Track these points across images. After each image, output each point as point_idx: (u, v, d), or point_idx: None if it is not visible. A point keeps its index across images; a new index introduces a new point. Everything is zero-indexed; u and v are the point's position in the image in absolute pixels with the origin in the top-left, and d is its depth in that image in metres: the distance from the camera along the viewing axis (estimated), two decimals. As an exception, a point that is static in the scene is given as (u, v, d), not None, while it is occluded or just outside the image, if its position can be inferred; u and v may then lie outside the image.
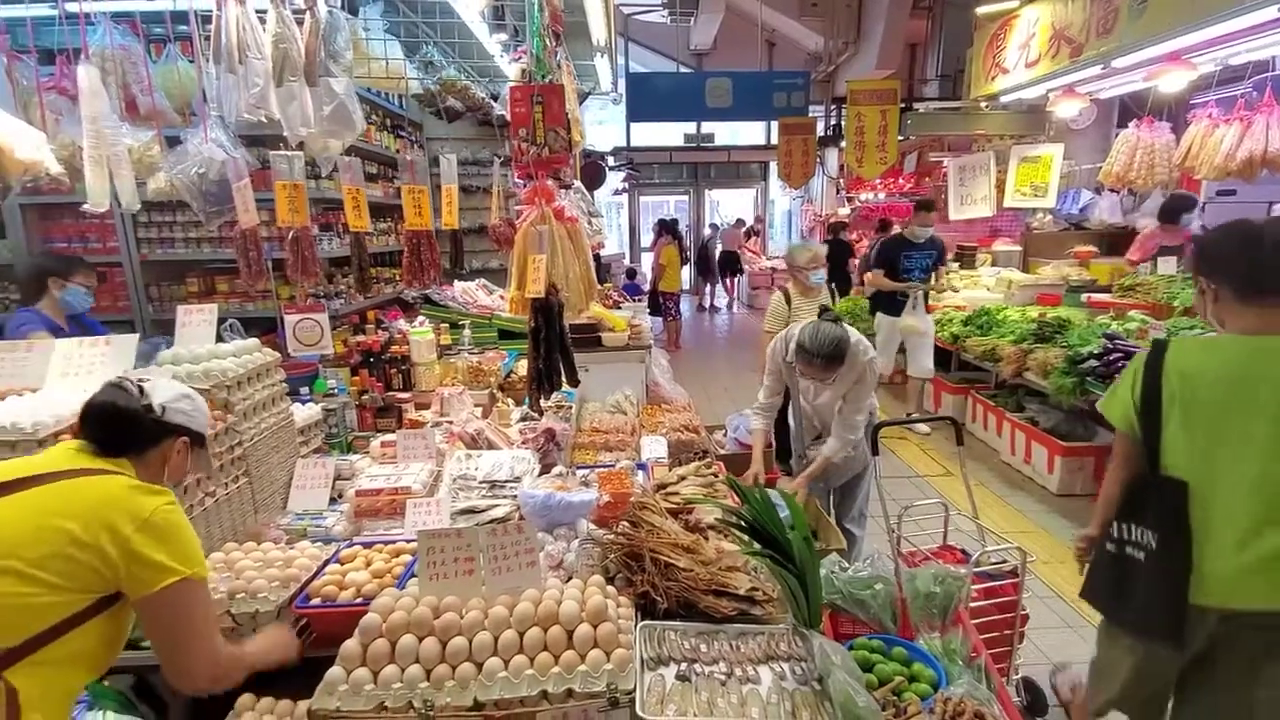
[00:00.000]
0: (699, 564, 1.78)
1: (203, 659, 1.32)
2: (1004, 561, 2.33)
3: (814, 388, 2.89)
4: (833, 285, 4.38)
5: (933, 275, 5.81)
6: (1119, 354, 4.12)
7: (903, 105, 8.07)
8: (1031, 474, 4.86)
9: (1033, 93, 5.96)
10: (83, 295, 3.09)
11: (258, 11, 2.26)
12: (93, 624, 1.21)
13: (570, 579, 1.75)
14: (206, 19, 2.37)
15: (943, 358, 6.54)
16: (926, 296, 5.79)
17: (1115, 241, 7.59)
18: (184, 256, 4.17)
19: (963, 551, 2.54)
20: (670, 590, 1.69)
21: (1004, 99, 6.38)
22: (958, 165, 7.55)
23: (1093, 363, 4.22)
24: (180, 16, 2.64)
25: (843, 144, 9.27)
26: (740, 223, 15.16)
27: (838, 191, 12.31)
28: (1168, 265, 5.87)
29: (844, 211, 12.02)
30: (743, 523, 1.73)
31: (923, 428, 5.85)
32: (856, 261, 8.85)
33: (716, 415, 4.58)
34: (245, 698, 1.79)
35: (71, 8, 2.48)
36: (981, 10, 6.32)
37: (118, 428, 1.35)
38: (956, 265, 8.07)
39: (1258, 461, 1.55)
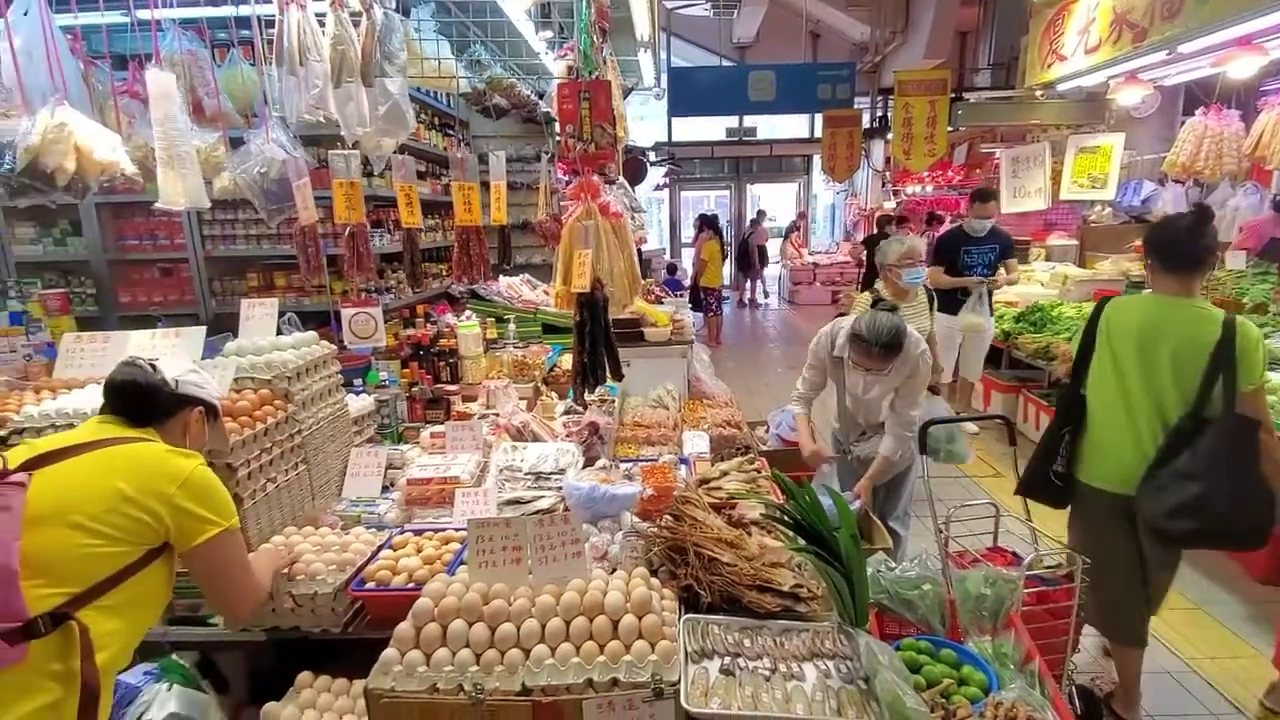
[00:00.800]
0: (742, 559, 1.78)
1: (246, 597, 1.54)
2: (1058, 566, 2.26)
3: (863, 381, 2.84)
4: (927, 287, 3.91)
5: (998, 270, 5.32)
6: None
7: (953, 95, 7.85)
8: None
9: (1092, 80, 5.72)
10: None
11: (317, 15, 2.34)
12: (144, 573, 1.36)
13: (615, 570, 1.77)
14: (268, 23, 2.47)
15: (993, 355, 6.35)
16: (990, 293, 5.36)
17: (1181, 235, 7.22)
18: (245, 252, 4.35)
19: (1014, 554, 2.48)
20: (714, 584, 1.69)
21: (1061, 87, 6.14)
22: (1011, 156, 7.30)
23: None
24: (243, 22, 2.75)
25: (889, 136, 9.07)
26: (761, 215, 14.60)
27: (883, 185, 12.05)
28: (1237, 260, 5.57)
29: (889, 205, 11.77)
30: (788, 518, 1.73)
31: (970, 426, 5.65)
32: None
33: (758, 411, 4.56)
34: (304, 675, 1.88)
35: (143, 15, 2.61)
36: (1037, -5, 6.10)
37: (141, 400, 1.50)
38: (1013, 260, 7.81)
39: (1153, 388, 2.19)
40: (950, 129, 7.95)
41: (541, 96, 4.69)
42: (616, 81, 2.98)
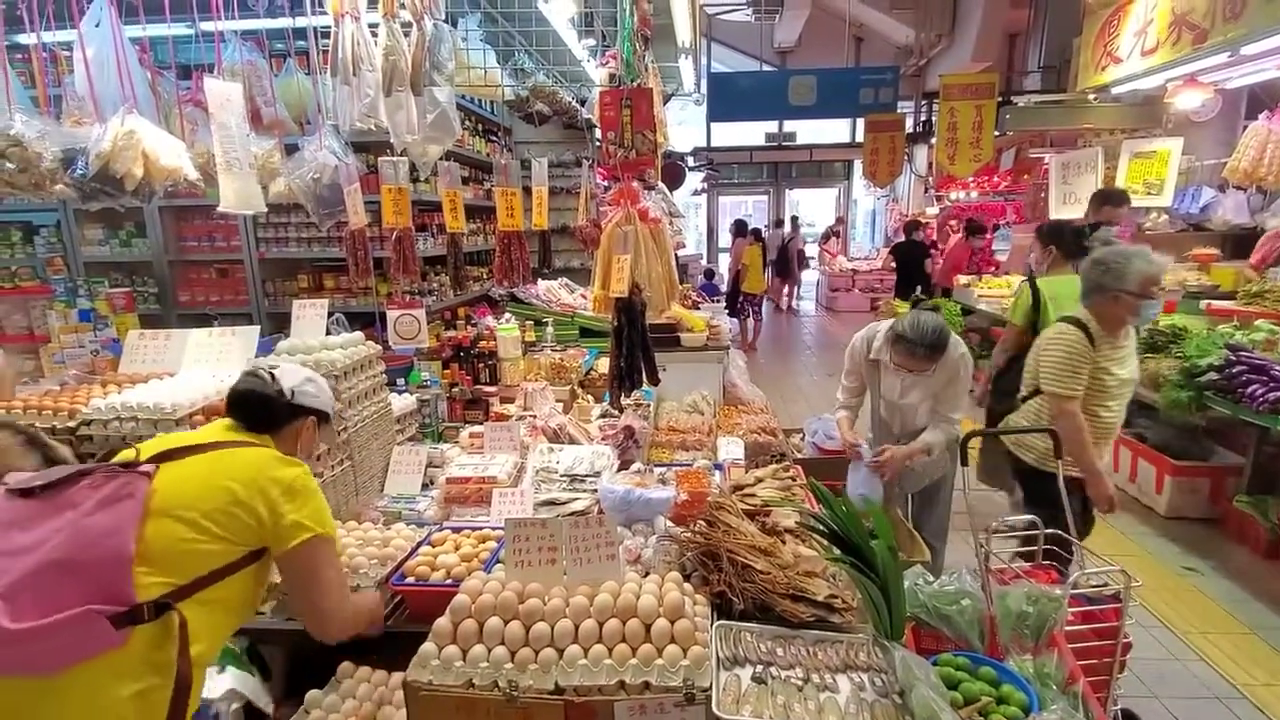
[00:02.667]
0: (776, 567, 1.77)
1: (335, 610, 1.52)
2: (1105, 585, 2.19)
3: (900, 385, 2.79)
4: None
5: None
6: (1244, 367, 3.76)
7: (1000, 99, 7.66)
8: (1137, 493, 4.52)
9: (1149, 83, 5.52)
10: None
11: (370, 26, 2.42)
12: (241, 574, 1.40)
13: (648, 574, 1.78)
14: (324, 34, 2.57)
15: (1039, 366, 6.17)
16: None
17: (1241, 244, 6.92)
18: (296, 255, 4.51)
19: (1058, 571, 2.40)
20: (747, 591, 1.69)
21: (1116, 90, 5.95)
22: (1061, 162, 7.08)
23: (1213, 375, 3.87)
24: (299, 33, 2.86)
25: (933, 141, 8.90)
26: (795, 221, 14.33)
27: (926, 190, 11.83)
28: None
29: (932, 211, 11.54)
30: (823, 527, 1.71)
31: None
32: (938, 264, 8.47)
33: (794, 418, 4.52)
34: (345, 665, 1.93)
35: (207, 27, 2.74)
36: (1092, -4, 5.93)
37: (259, 410, 1.57)
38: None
39: None
40: (997, 133, 7.76)
41: (583, 103, 4.75)
42: (658, 88, 3.00)
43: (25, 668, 1.19)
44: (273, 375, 1.61)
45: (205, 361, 2.28)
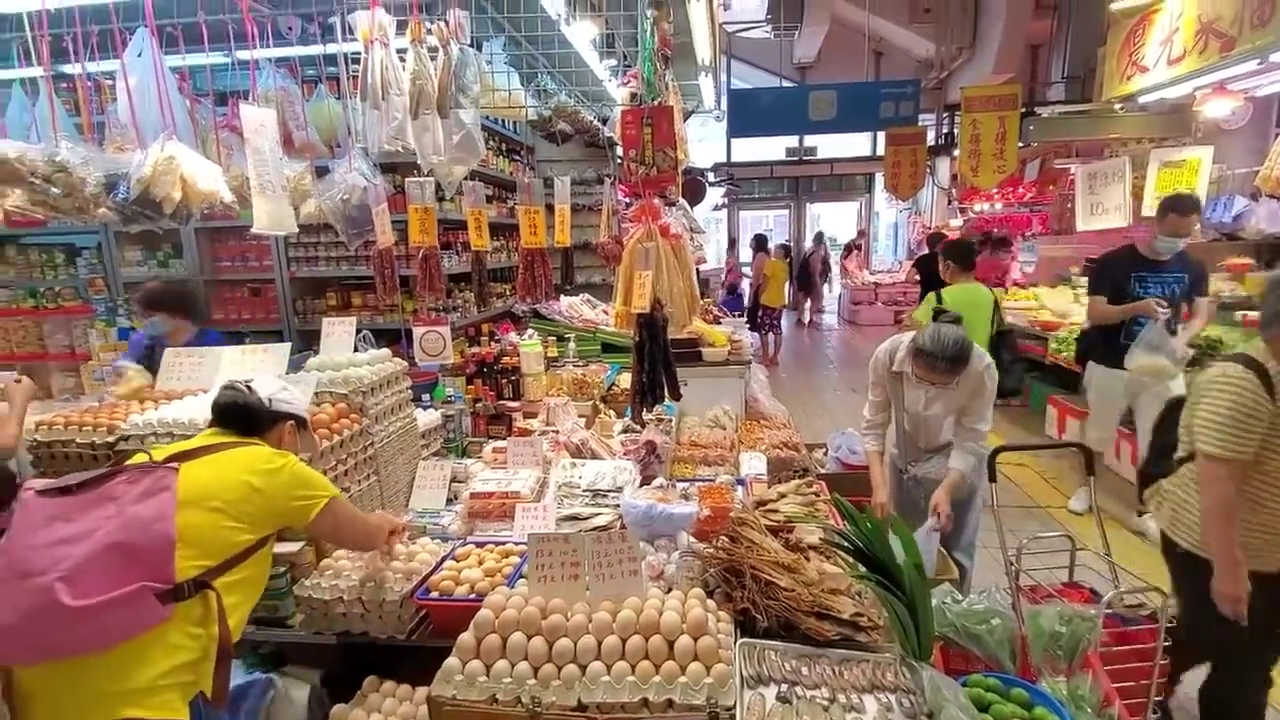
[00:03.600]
0: (800, 584, 1.75)
1: (370, 535, 1.85)
2: (1141, 605, 2.13)
3: (924, 397, 2.76)
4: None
5: (1181, 308, 3.84)
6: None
7: (1023, 110, 7.59)
8: (1174, 511, 4.38)
9: (1176, 92, 5.44)
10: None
11: (398, 51, 2.50)
12: (258, 555, 1.58)
13: (670, 590, 1.78)
14: (354, 60, 2.64)
15: (1070, 380, 6.05)
16: (1174, 323, 3.80)
17: (1276, 253, 6.74)
18: (325, 273, 4.62)
19: (1092, 591, 2.35)
20: (770, 609, 1.68)
21: (1143, 99, 5.86)
22: (1087, 172, 6.98)
23: (1250, 389, 3.75)
24: (330, 59, 2.95)
25: (956, 153, 8.84)
26: (820, 237, 14.05)
27: (949, 202, 11.73)
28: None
29: (956, 223, 11.43)
30: (848, 544, 1.70)
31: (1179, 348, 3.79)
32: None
33: (817, 433, 4.48)
34: (371, 679, 1.96)
35: (243, 55, 2.84)
36: (1116, 6, 5.86)
37: (243, 417, 1.71)
38: (1087, 280, 7.45)
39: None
40: (1021, 145, 7.68)
41: (604, 122, 4.82)
42: (678, 106, 3.04)
43: (81, 647, 1.31)
44: (249, 387, 1.75)
45: (238, 378, 2.34)
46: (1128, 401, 4.03)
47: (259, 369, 2.28)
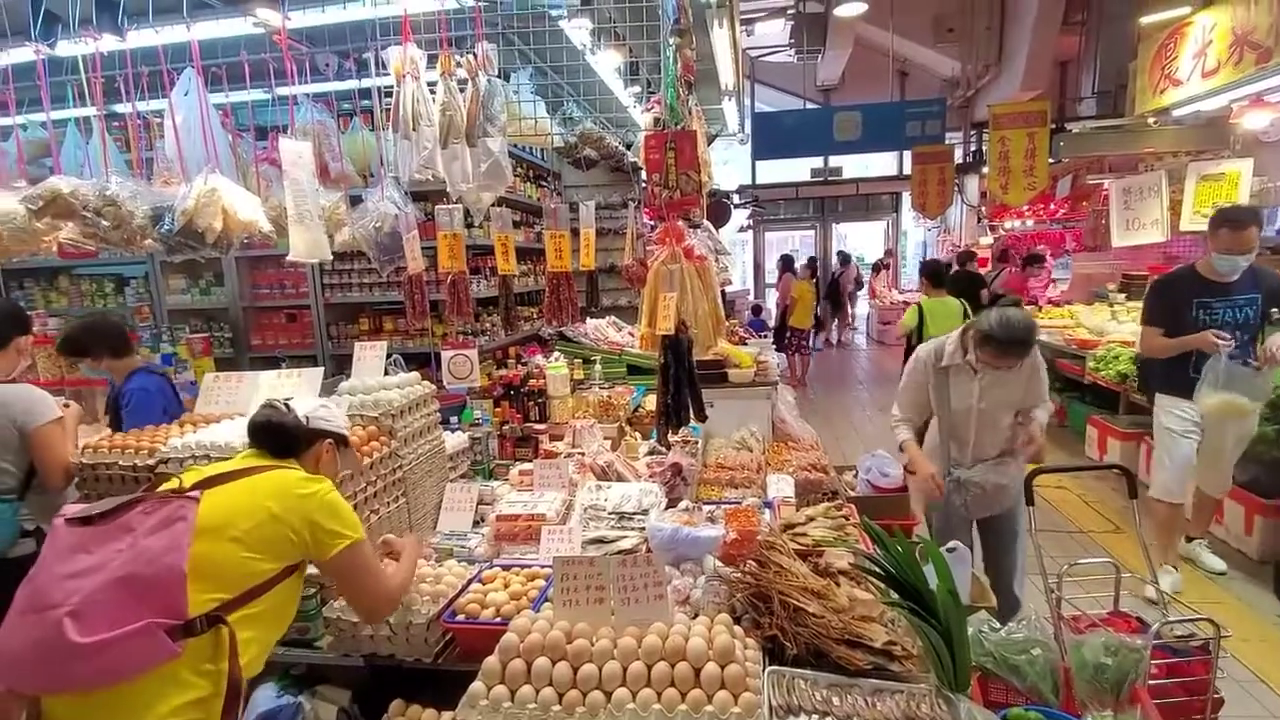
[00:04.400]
0: (830, 611, 1.71)
1: (380, 597, 1.70)
2: (1191, 635, 2.03)
3: (977, 389, 2.72)
4: None
5: (1264, 338, 3.40)
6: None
7: (1053, 126, 7.51)
8: (1224, 535, 4.20)
9: (1212, 104, 5.32)
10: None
11: (429, 84, 2.58)
12: (281, 586, 1.52)
13: (697, 615, 1.75)
14: (386, 93, 2.74)
15: (1109, 399, 5.88)
16: (1248, 352, 3.37)
17: (1327, 267, 6.50)
18: (358, 299, 4.74)
19: (1139, 620, 2.25)
20: (800, 636, 1.64)
21: (1177, 113, 5.75)
22: (1122, 187, 6.85)
23: (1302, 407, 3.59)
24: (364, 93, 3.06)
25: (984, 171, 8.75)
26: (846, 258, 14.04)
27: (978, 220, 11.58)
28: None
29: (985, 241, 11.28)
30: (879, 569, 1.66)
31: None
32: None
33: (846, 455, 4.41)
34: (397, 703, 1.95)
35: (282, 91, 2.97)
36: (1146, 20, 5.79)
37: (280, 436, 1.69)
38: (1124, 297, 7.26)
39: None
40: (1052, 161, 7.58)
41: (629, 147, 4.89)
42: (701, 130, 3.07)
43: (90, 682, 1.28)
44: (288, 405, 1.73)
45: (272, 402, 2.40)
46: (1193, 442, 3.56)
47: (293, 393, 2.33)
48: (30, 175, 3.04)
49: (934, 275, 5.34)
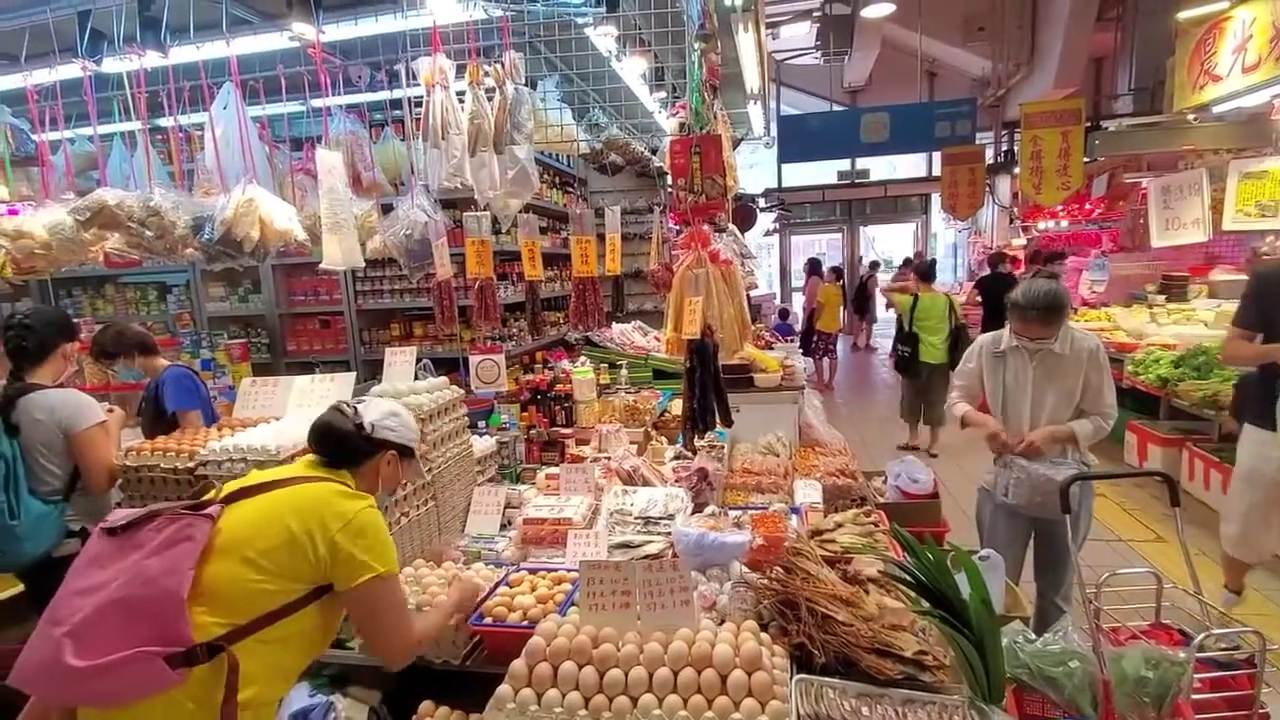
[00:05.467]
0: (859, 619, 1.69)
1: (397, 643, 1.52)
2: (1236, 648, 1.96)
3: (1031, 374, 2.70)
4: None
5: None
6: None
7: (1088, 124, 7.33)
8: (1273, 547, 4.04)
9: (1254, 100, 5.17)
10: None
11: (458, 94, 2.63)
12: (305, 611, 1.40)
13: (723, 622, 1.74)
14: (416, 103, 2.80)
15: (1149, 404, 5.71)
16: None
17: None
18: (389, 305, 4.84)
19: (1181, 632, 2.17)
20: (828, 644, 1.62)
21: (1217, 109, 5.58)
22: (1161, 186, 6.66)
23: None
24: (395, 103, 3.13)
25: (1016, 171, 8.58)
26: (875, 265, 13.93)
27: (1011, 221, 11.36)
28: None
29: (1018, 242, 11.05)
30: (910, 577, 1.63)
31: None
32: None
33: (874, 461, 4.35)
34: (426, 704, 1.98)
35: (317, 103, 3.04)
36: (1184, 15, 5.63)
37: (334, 444, 1.59)
38: (1164, 299, 7.05)
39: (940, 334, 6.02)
40: (1087, 160, 7.41)
41: (654, 152, 4.91)
42: (727, 134, 3.07)
43: (93, 701, 1.25)
44: (355, 410, 1.63)
45: (307, 406, 2.45)
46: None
47: (326, 398, 2.38)
48: (78, 187, 3.17)
49: (924, 273, 6.64)
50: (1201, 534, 4.32)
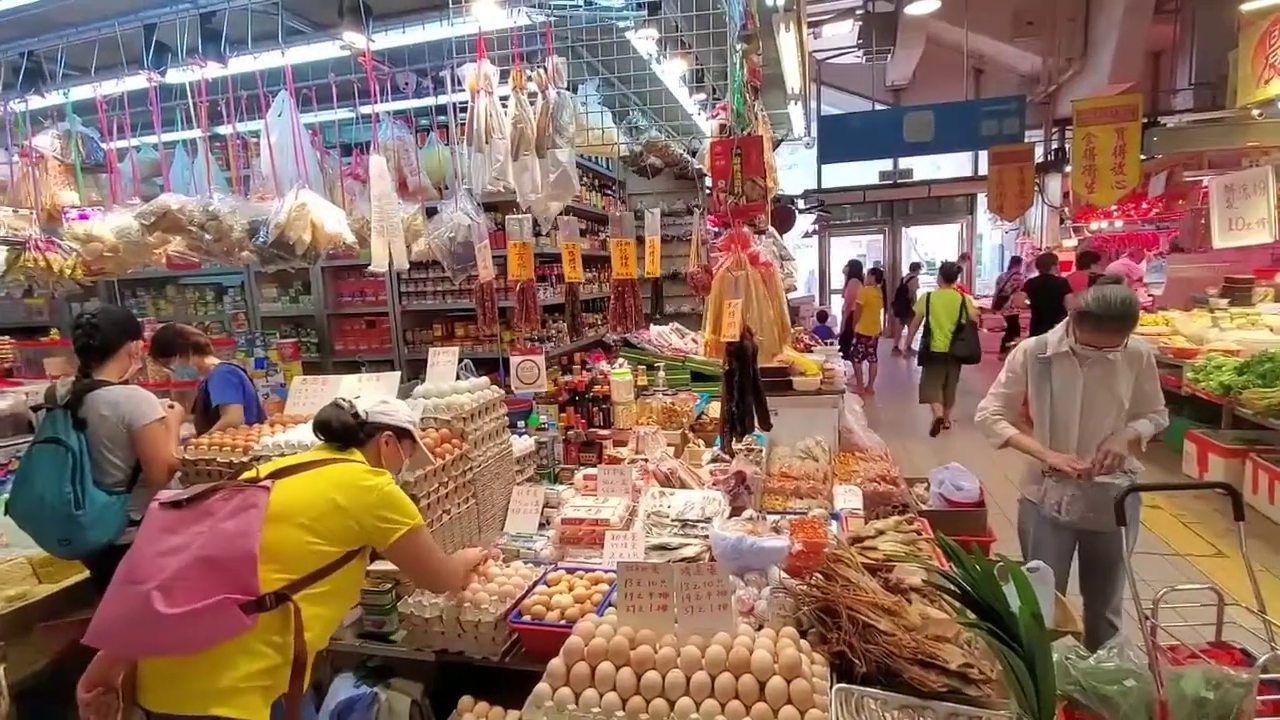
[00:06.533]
0: (901, 629, 1.66)
1: (443, 574, 1.86)
2: (1306, 672, 1.86)
3: (1082, 380, 2.59)
4: None
5: None
6: None
7: (1145, 121, 7.05)
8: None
9: (1327, 94, 4.90)
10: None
11: (501, 99, 2.67)
12: (344, 569, 1.64)
13: (761, 627, 1.73)
14: (461, 109, 2.85)
15: (1212, 413, 5.46)
16: None
17: None
18: (432, 306, 4.94)
19: (1244, 652, 2.07)
20: (869, 654, 1.59)
21: (1285, 104, 5.31)
22: (1223, 184, 6.36)
23: None
24: (440, 109, 3.19)
25: (1068, 169, 8.31)
26: (916, 267, 13.39)
27: (1061, 221, 11.00)
28: None
29: (1069, 243, 10.69)
30: (955, 587, 1.59)
31: None
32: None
33: (917, 468, 4.26)
34: (466, 699, 2.01)
35: (365, 110, 3.13)
36: (1247, 7, 5.38)
37: (338, 431, 1.82)
38: (1226, 302, 6.73)
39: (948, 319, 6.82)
40: (1144, 157, 7.12)
41: (693, 154, 4.90)
42: (767, 135, 3.05)
43: (174, 648, 1.44)
44: (350, 403, 1.87)
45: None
46: None
47: (372, 395, 2.45)
48: (143, 193, 3.32)
49: (945, 272, 7.27)
50: (1265, 549, 4.11)
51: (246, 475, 1.70)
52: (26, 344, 5.12)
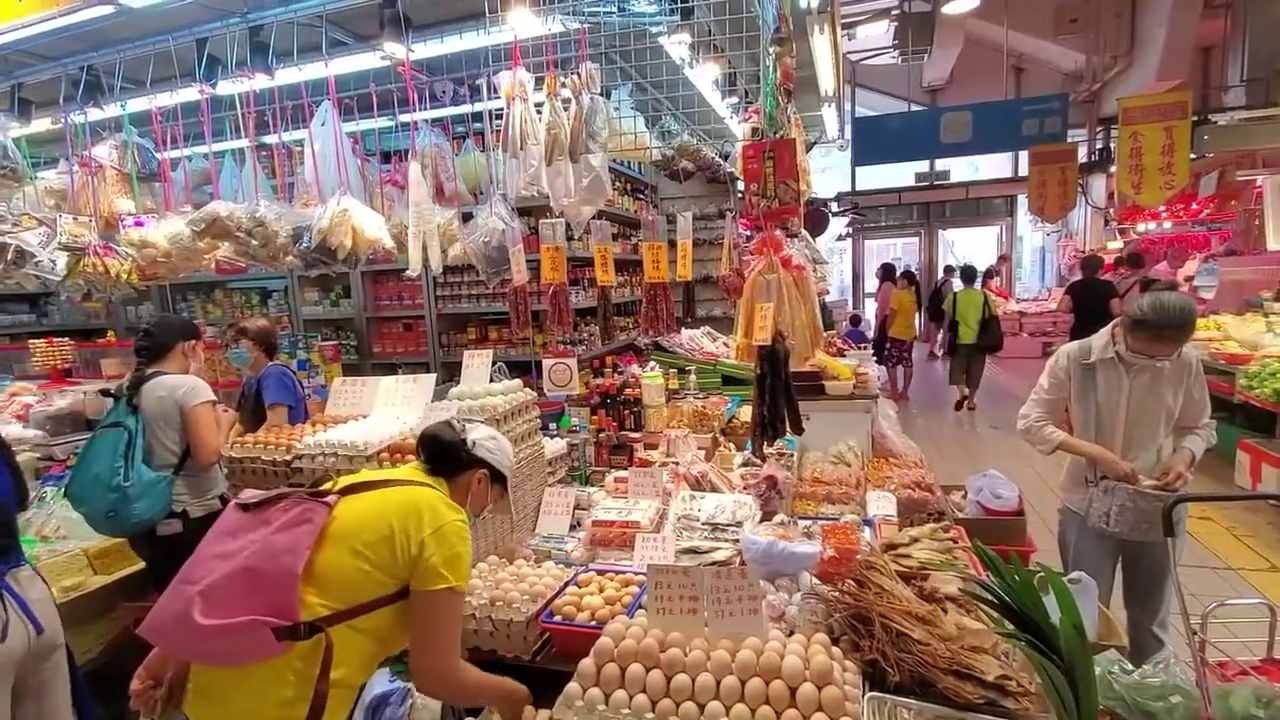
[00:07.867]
0: (936, 638, 1.63)
1: (442, 662, 1.52)
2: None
3: (1128, 386, 2.52)
4: None
5: None
6: None
7: (1195, 118, 6.80)
8: None
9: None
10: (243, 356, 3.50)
11: (536, 105, 2.72)
12: (391, 608, 1.47)
13: (792, 633, 1.72)
14: (496, 116, 2.90)
15: (1264, 421, 5.23)
16: None
17: None
18: (467, 310, 5.03)
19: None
20: (903, 662, 1.57)
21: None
22: (1277, 184, 6.10)
23: None
24: (476, 116, 3.26)
25: (1113, 169, 8.06)
26: (950, 270, 12.51)
27: (1106, 223, 10.67)
28: None
29: (1114, 245, 10.37)
30: (992, 597, 1.56)
31: None
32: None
33: (953, 474, 4.16)
34: (495, 698, 2.03)
35: (404, 119, 3.21)
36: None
37: (439, 453, 1.71)
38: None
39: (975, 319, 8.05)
40: (1194, 156, 6.87)
41: (726, 158, 4.89)
42: (800, 138, 3.03)
43: (209, 658, 1.39)
44: (463, 426, 1.78)
45: (391, 405, 2.60)
46: None
47: (410, 398, 2.50)
48: (194, 201, 3.46)
49: (966, 274, 8.42)
50: (1328, 566, 3.92)
51: (326, 485, 1.60)
52: (85, 345, 5.37)
